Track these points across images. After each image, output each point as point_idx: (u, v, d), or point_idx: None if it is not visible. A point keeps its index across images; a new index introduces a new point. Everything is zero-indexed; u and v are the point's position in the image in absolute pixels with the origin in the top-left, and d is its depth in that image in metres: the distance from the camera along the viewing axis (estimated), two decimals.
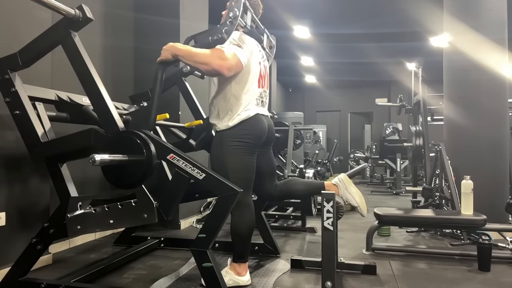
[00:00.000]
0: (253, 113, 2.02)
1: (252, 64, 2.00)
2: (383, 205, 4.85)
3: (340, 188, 2.10)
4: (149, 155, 1.65)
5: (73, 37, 1.73)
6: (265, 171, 2.19)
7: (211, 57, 1.81)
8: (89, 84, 1.76)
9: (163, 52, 1.87)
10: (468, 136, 3.31)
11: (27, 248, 1.85)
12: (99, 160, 1.49)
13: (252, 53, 2.01)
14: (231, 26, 1.81)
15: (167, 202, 1.75)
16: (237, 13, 1.81)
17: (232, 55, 1.85)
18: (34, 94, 1.96)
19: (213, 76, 2.01)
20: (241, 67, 1.92)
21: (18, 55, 1.81)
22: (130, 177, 1.66)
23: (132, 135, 1.68)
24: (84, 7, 1.69)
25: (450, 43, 3.49)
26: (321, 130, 10.98)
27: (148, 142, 1.66)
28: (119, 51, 3.43)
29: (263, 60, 2.14)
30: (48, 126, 1.93)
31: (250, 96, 2.02)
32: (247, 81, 1.99)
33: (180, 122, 3.42)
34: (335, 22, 6.50)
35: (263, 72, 2.13)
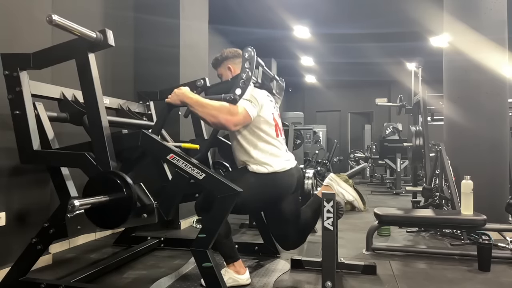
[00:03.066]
0: (288, 166, 1.99)
1: (266, 115, 1.97)
2: (383, 205, 4.85)
3: (332, 186, 2.11)
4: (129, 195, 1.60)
5: (90, 58, 1.74)
6: (290, 217, 2.11)
7: (219, 111, 1.78)
8: (92, 108, 1.76)
9: (173, 96, 1.87)
10: (468, 136, 3.31)
11: (27, 248, 1.85)
12: (78, 206, 1.46)
13: (264, 105, 1.97)
14: (244, 87, 1.80)
15: (167, 202, 1.75)
16: (249, 74, 1.80)
17: (241, 110, 1.82)
18: (39, 90, 1.97)
19: (219, 129, 2.00)
20: (249, 121, 1.88)
21: (32, 56, 1.81)
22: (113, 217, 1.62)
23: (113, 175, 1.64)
24: (107, 32, 1.69)
25: (450, 43, 3.49)
26: (321, 130, 10.99)
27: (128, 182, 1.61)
28: (119, 51, 3.42)
29: (275, 110, 2.12)
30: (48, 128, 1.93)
31: (277, 145, 2.00)
32: (264, 132, 1.96)
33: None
34: (335, 22, 6.50)
35: (278, 121, 2.11)
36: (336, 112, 12.48)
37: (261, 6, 5.69)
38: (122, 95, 3.09)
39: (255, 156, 1.93)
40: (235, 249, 2.07)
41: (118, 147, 1.80)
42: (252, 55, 1.82)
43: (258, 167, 1.92)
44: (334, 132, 12.27)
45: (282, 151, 2.05)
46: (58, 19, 1.50)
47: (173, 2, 3.57)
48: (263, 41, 7.26)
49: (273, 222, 2.18)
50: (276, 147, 2.00)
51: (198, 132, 2.66)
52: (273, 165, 1.93)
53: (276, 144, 2.01)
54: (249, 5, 5.72)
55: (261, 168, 1.92)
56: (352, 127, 12.43)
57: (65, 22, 1.54)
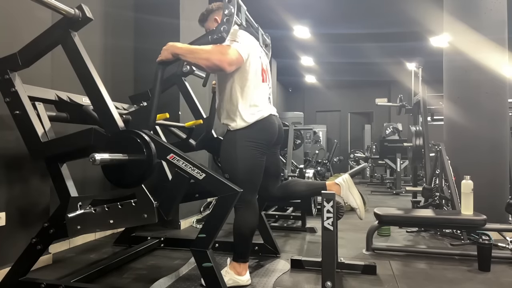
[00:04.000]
0: (266, 114, 2.02)
1: (252, 58, 1.99)
2: (383, 205, 4.85)
3: (343, 188, 2.10)
4: (149, 155, 1.64)
5: (73, 37, 1.73)
6: (271, 172, 2.18)
7: (211, 53, 1.80)
8: (89, 84, 1.76)
9: (163, 52, 1.87)
10: (468, 136, 3.31)
11: (27, 248, 1.85)
12: (99, 160, 1.49)
13: (251, 48, 1.99)
14: (229, 24, 1.79)
15: (167, 202, 1.75)
16: (232, 10, 1.79)
17: (231, 50, 1.84)
18: (34, 94, 1.96)
19: (214, 72, 2.00)
20: (241, 62, 1.90)
21: (18, 55, 1.80)
22: (130, 176, 1.66)
23: (132, 134, 1.68)
24: (83, 6, 1.69)
25: (450, 43, 3.49)
26: (321, 130, 10.98)
27: (148, 141, 1.66)
28: (119, 51, 3.43)
29: (262, 55, 2.14)
30: (48, 126, 1.93)
31: (259, 92, 2.02)
32: (251, 76, 1.98)
33: (180, 122, 3.43)
34: (335, 22, 6.50)
35: (265, 67, 2.12)
36: (336, 112, 12.48)
37: (261, 6, 5.68)
38: (122, 95, 3.10)
39: (240, 107, 1.96)
40: (249, 252, 2.07)
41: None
42: None
43: (238, 122, 1.96)
44: (334, 132, 12.27)
45: (264, 99, 2.06)
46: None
47: (173, 2, 3.57)
48: None
49: None
50: (260, 94, 2.02)
51: (196, 115, 2.68)
52: (254, 116, 1.96)
53: (261, 90, 2.03)
54: (249, 5, 5.68)
55: (240, 122, 1.96)
56: (352, 127, 12.43)
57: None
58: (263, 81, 2.06)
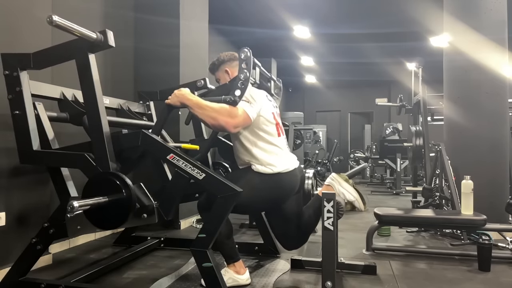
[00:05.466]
0: (291, 167, 1.99)
1: (266, 114, 1.96)
2: (383, 205, 4.85)
3: (334, 186, 2.11)
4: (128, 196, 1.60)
5: (90, 59, 1.73)
6: (291, 219, 2.12)
7: (219, 113, 1.78)
8: (92, 112, 1.76)
9: (173, 97, 1.86)
10: (468, 136, 3.31)
11: (27, 248, 1.85)
12: (77, 207, 1.44)
13: (263, 106, 1.97)
14: (243, 88, 1.79)
15: (167, 202, 1.75)
16: (247, 74, 1.79)
17: (240, 112, 1.81)
18: (39, 90, 1.97)
19: (218, 131, 2.00)
20: (249, 123, 1.88)
21: (32, 56, 1.81)
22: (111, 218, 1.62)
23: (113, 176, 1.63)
24: (107, 32, 1.69)
25: (450, 43, 3.49)
26: (321, 130, 10.98)
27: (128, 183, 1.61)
28: (119, 51, 3.42)
29: (275, 109, 2.12)
30: (48, 128, 1.93)
31: (279, 145, 2.00)
32: (265, 132, 1.95)
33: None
34: (335, 22, 6.50)
35: (278, 120, 2.11)
36: (336, 112, 12.48)
37: (261, 6, 5.68)
38: (122, 95, 3.09)
39: (258, 156, 1.92)
40: (236, 250, 2.07)
41: (118, 147, 1.80)
42: (248, 56, 1.81)
43: (263, 167, 1.92)
44: (334, 132, 12.26)
45: (284, 151, 2.05)
46: (59, 20, 1.50)
47: (173, 2, 3.57)
48: (263, 41, 7.27)
49: (275, 222, 2.18)
50: (278, 147, 2.00)
51: (198, 133, 2.66)
52: (277, 165, 1.93)
53: (277, 143, 2.00)
54: (249, 5, 5.71)
55: (265, 168, 1.91)
56: (352, 127, 12.43)
57: (65, 23, 1.54)
58: (279, 135, 2.04)
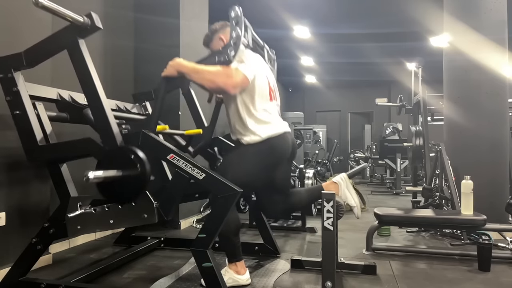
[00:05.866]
0: (281, 131, 2.01)
1: (259, 78, 1.97)
2: (383, 205, 4.85)
3: (341, 186, 2.10)
4: (143, 171, 1.62)
5: (80, 44, 1.72)
6: (279, 186, 2.14)
7: (216, 75, 1.80)
8: (91, 94, 1.75)
9: (168, 68, 1.87)
10: (468, 136, 3.31)
11: (27, 248, 1.85)
12: (92, 178, 1.48)
13: (258, 68, 1.98)
14: (236, 47, 1.79)
15: (167, 202, 1.75)
16: (239, 33, 1.80)
17: (237, 72, 1.83)
18: (35, 92, 1.96)
19: (218, 93, 2.01)
20: (247, 83, 1.89)
21: (23, 55, 1.80)
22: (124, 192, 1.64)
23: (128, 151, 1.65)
24: (93, 15, 1.68)
25: (450, 43, 3.49)
26: (321, 130, 10.98)
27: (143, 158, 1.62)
28: (119, 51, 3.43)
29: (269, 74, 2.13)
30: (48, 128, 1.93)
31: (268, 110, 2.01)
32: (257, 96, 1.96)
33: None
34: (335, 22, 6.50)
35: (272, 85, 2.11)
36: (336, 112, 12.48)
37: (261, 6, 5.68)
38: (122, 95, 3.09)
39: (248, 120, 1.94)
40: (240, 249, 2.07)
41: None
42: (239, 14, 1.82)
43: (251, 136, 1.94)
44: (334, 132, 12.26)
45: (275, 116, 2.06)
46: (45, 2, 1.49)
47: (173, 2, 3.57)
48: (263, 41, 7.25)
49: (263, 188, 2.17)
50: (269, 112, 2.01)
51: (198, 122, 2.67)
52: (266, 130, 1.95)
53: (269, 108, 2.02)
54: (249, 5, 5.71)
55: (253, 137, 1.94)
56: (352, 127, 12.43)
57: (51, 5, 1.52)
58: (271, 100, 2.05)
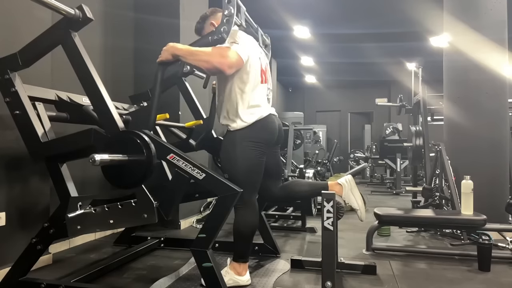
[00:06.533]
0: (266, 113, 2.02)
1: (252, 59, 1.98)
2: (383, 205, 4.85)
3: (345, 188, 2.09)
4: (149, 155, 1.64)
5: (73, 37, 1.73)
6: (272, 171, 2.18)
7: (211, 55, 1.80)
8: (89, 84, 1.75)
9: (163, 53, 1.86)
10: (468, 136, 3.31)
11: (27, 248, 1.85)
12: (99, 160, 1.49)
13: (251, 49, 1.99)
14: (229, 25, 1.79)
15: (167, 202, 1.75)
16: (232, 11, 1.79)
17: (232, 52, 1.84)
18: (34, 94, 1.96)
19: (214, 74, 2.00)
20: (241, 64, 1.90)
21: (18, 55, 1.80)
22: (130, 177, 1.66)
23: (132, 135, 1.67)
24: (84, 7, 1.68)
25: (450, 43, 3.49)
26: (321, 130, 10.98)
27: (148, 142, 1.65)
28: (119, 51, 3.42)
29: (262, 56, 2.14)
30: (48, 126, 1.93)
31: (258, 93, 2.02)
32: (250, 77, 1.98)
33: (180, 122, 3.43)
34: (335, 22, 6.50)
35: (264, 67, 2.12)
36: (336, 112, 12.48)
37: (261, 6, 5.68)
38: (122, 95, 3.09)
39: (239, 110, 1.96)
40: (249, 252, 2.07)
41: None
42: None
43: (238, 122, 1.96)
44: (334, 132, 12.26)
45: (263, 99, 2.07)
46: None
47: (173, 2, 3.57)
48: None
49: None
50: (259, 94, 2.03)
51: (196, 114, 2.68)
52: (252, 114, 1.97)
53: (260, 91, 2.03)
54: (249, 5, 5.68)
55: (240, 122, 1.96)
56: (352, 127, 12.43)
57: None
58: (262, 82, 2.06)
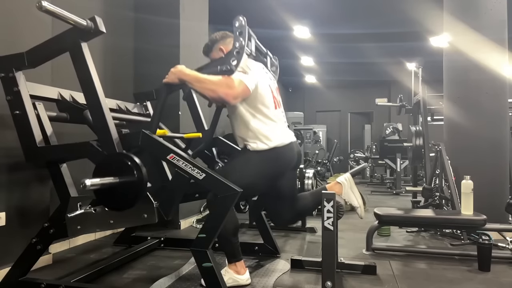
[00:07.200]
0: (287, 141, 2.00)
1: (262, 87, 1.96)
2: (383, 205, 4.85)
3: (344, 186, 2.09)
4: (140, 177, 1.61)
5: (83, 47, 1.72)
6: (286, 194, 2.13)
7: (218, 85, 1.79)
8: (92, 98, 1.75)
9: (170, 75, 1.87)
10: (468, 136, 3.31)
11: (27, 248, 1.86)
12: (89, 185, 1.47)
13: (260, 77, 1.97)
14: (239, 57, 1.78)
15: (167, 202, 1.75)
16: (243, 43, 1.79)
17: (239, 83, 1.82)
18: (36, 92, 1.96)
19: (218, 103, 2.00)
20: (248, 94, 1.88)
21: (25, 55, 1.80)
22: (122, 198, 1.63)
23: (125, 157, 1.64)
24: (97, 19, 1.68)
25: (450, 43, 3.49)
26: (321, 130, 10.98)
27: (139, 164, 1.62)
28: (119, 51, 3.42)
29: (272, 82, 2.12)
30: (48, 129, 1.93)
31: (275, 118, 2.00)
32: (262, 104, 1.95)
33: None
34: (335, 22, 6.50)
35: (275, 94, 2.11)
36: (336, 112, 12.48)
37: (261, 6, 5.68)
38: (122, 95, 3.09)
39: (254, 128, 1.92)
40: (239, 249, 2.07)
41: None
42: (243, 24, 1.80)
43: (258, 143, 1.92)
44: (334, 132, 12.26)
45: (280, 125, 2.05)
46: (48, 6, 1.50)
47: (173, 2, 3.57)
48: (263, 41, 7.21)
49: (269, 198, 2.17)
50: (274, 120, 2.00)
51: (198, 124, 2.66)
52: (272, 139, 1.93)
53: (274, 117, 2.00)
54: (249, 5, 5.71)
55: (260, 144, 1.92)
56: (352, 127, 12.43)
57: (55, 9, 1.53)
58: (276, 108, 2.04)
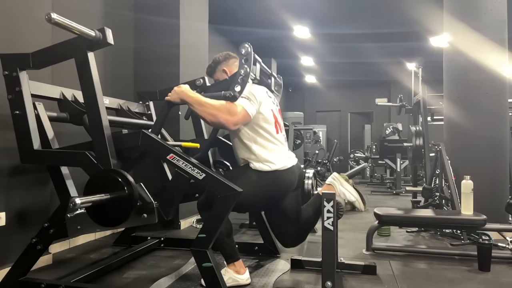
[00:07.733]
0: (289, 165, 2.00)
1: (265, 111, 1.96)
2: (383, 205, 4.85)
3: (335, 186, 2.11)
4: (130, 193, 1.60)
5: (89, 57, 1.73)
6: (291, 216, 2.11)
7: (219, 110, 1.78)
8: (92, 107, 1.76)
9: (173, 94, 1.87)
10: (468, 136, 3.31)
11: (27, 248, 1.86)
12: (79, 204, 1.45)
13: (263, 103, 1.96)
14: (243, 84, 1.79)
15: (167, 202, 1.75)
16: (247, 70, 1.79)
17: (240, 109, 1.81)
18: (38, 90, 1.96)
19: (218, 128, 2.00)
20: (248, 119, 1.88)
21: (31, 56, 1.81)
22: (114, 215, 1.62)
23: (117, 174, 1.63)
24: (106, 30, 1.68)
25: (450, 43, 3.49)
26: (321, 130, 10.99)
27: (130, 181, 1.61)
28: (119, 51, 3.42)
29: (275, 106, 2.12)
30: (48, 128, 1.93)
31: (276, 142, 1.99)
32: (265, 128, 1.95)
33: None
34: (335, 22, 6.50)
35: (278, 118, 2.10)
36: (336, 112, 12.48)
37: (261, 6, 5.69)
38: (122, 95, 3.09)
39: (257, 152, 1.92)
40: (236, 249, 2.07)
41: (118, 147, 1.80)
42: (249, 51, 1.81)
43: (261, 165, 1.92)
44: (334, 132, 12.26)
45: (283, 148, 2.05)
46: (57, 18, 1.50)
47: (173, 2, 3.57)
48: (263, 41, 7.26)
49: (274, 220, 2.18)
50: (276, 144, 2.00)
51: (198, 132, 2.66)
52: (275, 162, 1.93)
53: (275, 141, 2.00)
54: (249, 5, 5.71)
55: (263, 166, 1.91)
56: (352, 127, 12.43)
57: (64, 21, 1.54)
58: (277, 132, 2.04)
